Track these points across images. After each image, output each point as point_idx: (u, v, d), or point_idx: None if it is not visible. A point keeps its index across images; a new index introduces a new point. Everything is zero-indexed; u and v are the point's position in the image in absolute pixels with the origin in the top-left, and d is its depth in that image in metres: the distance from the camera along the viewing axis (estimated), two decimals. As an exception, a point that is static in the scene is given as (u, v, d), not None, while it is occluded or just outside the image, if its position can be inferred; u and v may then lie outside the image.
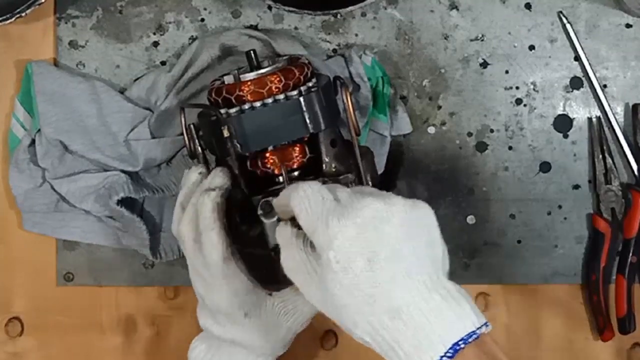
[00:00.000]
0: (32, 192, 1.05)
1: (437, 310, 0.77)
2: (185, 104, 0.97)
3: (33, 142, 1.05)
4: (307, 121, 0.90)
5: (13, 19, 1.01)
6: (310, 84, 0.92)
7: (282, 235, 0.84)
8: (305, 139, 0.93)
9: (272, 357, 0.96)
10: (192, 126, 0.94)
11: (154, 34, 1.07)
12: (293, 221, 0.83)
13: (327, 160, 0.92)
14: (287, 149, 0.92)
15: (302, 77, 0.92)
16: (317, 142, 0.92)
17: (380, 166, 1.04)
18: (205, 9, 1.06)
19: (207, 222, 0.87)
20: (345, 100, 0.92)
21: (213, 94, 0.92)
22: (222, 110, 0.90)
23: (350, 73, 1.04)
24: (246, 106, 0.90)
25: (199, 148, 0.94)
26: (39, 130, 1.04)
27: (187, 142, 0.94)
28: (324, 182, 0.89)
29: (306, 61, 0.94)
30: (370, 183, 0.93)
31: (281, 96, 0.90)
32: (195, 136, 0.94)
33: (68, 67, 1.07)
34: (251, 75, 0.91)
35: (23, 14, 1.01)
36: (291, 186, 0.83)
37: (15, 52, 1.07)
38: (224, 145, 0.89)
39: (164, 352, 1.09)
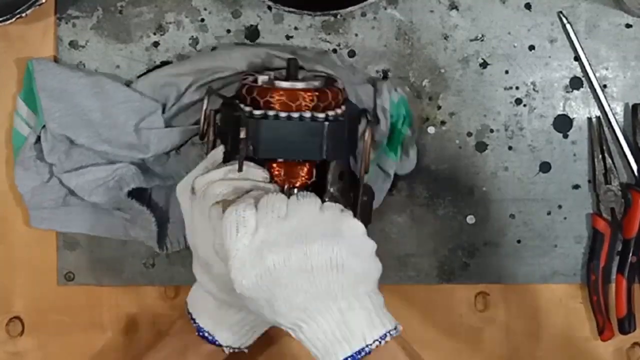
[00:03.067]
0: (40, 189, 1.05)
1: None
2: (215, 91, 0.97)
3: (39, 139, 1.05)
4: (325, 147, 0.91)
5: (13, 19, 1.01)
6: (339, 112, 0.92)
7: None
8: (316, 161, 0.93)
9: None
10: (212, 111, 0.94)
11: (154, 34, 1.07)
12: None
13: (331, 190, 0.93)
14: (296, 166, 0.92)
15: (333, 102, 0.92)
16: (325, 169, 0.92)
17: (379, 201, 1.04)
18: (205, 9, 1.06)
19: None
20: (365, 139, 0.92)
21: (244, 90, 0.92)
22: (247, 109, 0.90)
23: (375, 104, 1.03)
24: (271, 113, 0.90)
25: (212, 134, 0.94)
26: (44, 126, 1.04)
27: (202, 125, 0.94)
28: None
29: (341, 87, 0.94)
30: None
31: (308, 115, 0.90)
32: (212, 121, 0.94)
33: (68, 64, 1.07)
34: (286, 85, 0.91)
35: (23, 14, 1.01)
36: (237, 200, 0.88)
37: (15, 52, 1.07)
38: (238, 142, 0.89)
39: (164, 352, 1.09)
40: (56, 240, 1.08)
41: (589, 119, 1.07)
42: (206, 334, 0.97)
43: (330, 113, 0.91)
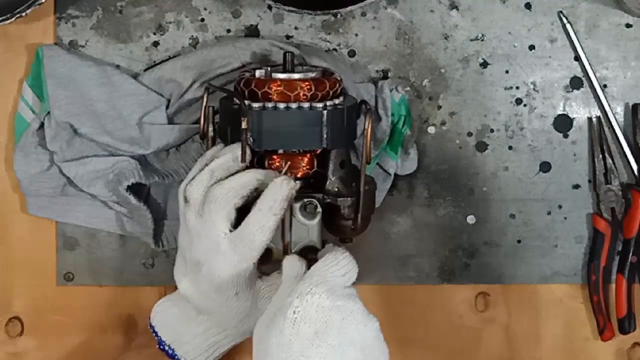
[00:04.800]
0: (39, 176, 1.05)
1: None
2: (212, 85, 0.97)
3: (42, 126, 1.05)
4: (324, 136, 0.91)
5: (13, 19, 1.01)
6: (337, 101, 0.92)
7: (292, 268, 0.88)
8: (317, 152, 0.93)
9: (239, 340, 0.97)
10: (211, 109, 0.94)
11: (154, 34, 1.07)
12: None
13: (332, 179, 0.93)
14: (297, 157, 0.93)
15: (331, 92, 0.92)
16: (327, 158, 0.93)
17: (378, 201, 1.03)
18: (205, 9, 1.06)
19: (275, 206, 0.88)
20: (365, 126, 0.92)
21: (241, 84, 0.92)
22: (245, 102, 0.90)
23: (376, 103, 1.04)
24: (270, 105, 0.90)
25: (211, 131, 0.94)
26: (49, 113, 1.04)
27: (202, 122, 0.94)
28: (323, 199, 0.91)
29: (339, 77, 0.94)
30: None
31: (306, 104, 0.90)
32: (211, 119, 0.94)
33: (78, 52, 1.07)
34: (283, 76, 0.92)
35: (23, 14, 1.01)
36: (338, 249, 0.88)
37: (15, 52, 1.07)
38: (238, 136, 0.89)
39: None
40: (56, 240, 1.08)
41: (589, 118, 1.07)
42: (166, 347, 0.96)
43: (329, 102, 0.91)
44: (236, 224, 0.90)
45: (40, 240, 1.08)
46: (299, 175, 0.92)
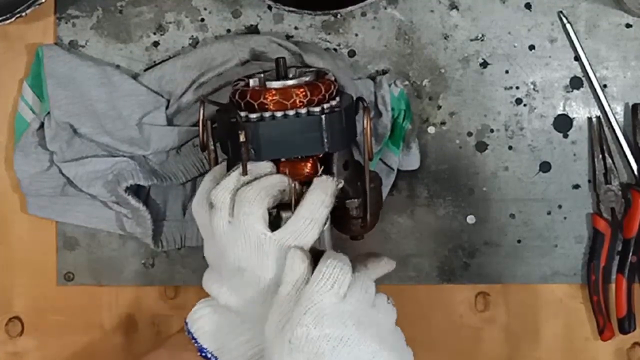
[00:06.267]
0: (39, 176, 1.05)
1: None
2: (207, 99, 0.97)
3: (42, 126, 1.05)
4: (325, 140, 0.90)
5: (13, 19, 1.01)
6: (334, 103, 0.91)
7: (294, 271, 0.85)
8: (319, 155, 0.93)
9: None
10: (209, 122, 0.94)
11: (154, 34, 1.07)
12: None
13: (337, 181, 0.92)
14: (300, 163, 0.92)
15: (326, 95, 0.92)
16: (330, 161, 0.92)
17: (384, 195, 1.03)
18: (205, 9, 1.07)
19: (326, 199, 0.87)
20: (364, 124, 0.92)
21: (236, 96, 0.91)
22: (242, 114, 0.89)
23: (375, 98, 1.04)
24: (267, 114, 0.89)
25: (212, 144, 0.94)
26: (48, 113, 1.04)
27: (201, 135, 0.94)
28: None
29: (332, 78, 0.94)
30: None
31: (303, 111, 0.90)
32: (210, 131, 0.94)
33: (78, 52, 1.07)
34: (277, 84, 0.91)
35: (23, 14, 1.01)
36: (337, 255, 0.86)
37: (15, 52, 1.07)
38: (239, 147, 0.89)
39: (164, 352, 1.09)
40: (56, 240, 1.08)
41: (589, 118, 1.07)
42: (209, 355, 0.92)
43: (326, 105, 0.91)
44: None
45: (40, 240, 1.08)
46: (303, 182, 0.92)
